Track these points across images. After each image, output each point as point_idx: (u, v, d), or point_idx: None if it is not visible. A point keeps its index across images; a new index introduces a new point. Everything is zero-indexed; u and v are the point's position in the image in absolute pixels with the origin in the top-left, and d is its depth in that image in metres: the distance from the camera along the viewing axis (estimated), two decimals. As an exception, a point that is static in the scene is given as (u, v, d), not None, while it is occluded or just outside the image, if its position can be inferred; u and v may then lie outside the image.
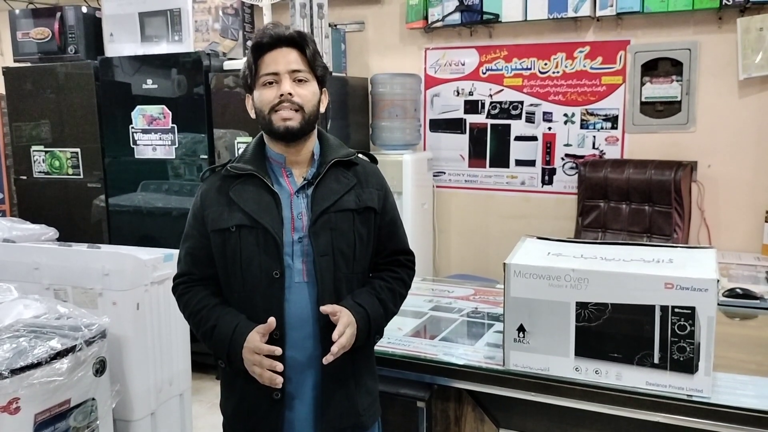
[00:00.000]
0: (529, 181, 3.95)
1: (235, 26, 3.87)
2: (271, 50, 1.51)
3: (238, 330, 1.50)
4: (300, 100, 1.50)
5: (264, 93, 1.51)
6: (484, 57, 3.96)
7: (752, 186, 3.41)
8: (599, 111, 3.71)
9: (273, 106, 1.50)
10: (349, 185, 1.57)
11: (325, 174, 1.55)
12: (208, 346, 1.58)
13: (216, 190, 1.57)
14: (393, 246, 1.67)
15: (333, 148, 1.60)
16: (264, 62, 1.51)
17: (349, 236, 1.55)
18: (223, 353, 1.53)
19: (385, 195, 1.64)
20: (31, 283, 2.64)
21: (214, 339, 1.54)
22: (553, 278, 1.61)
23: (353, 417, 1.58)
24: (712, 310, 1.49)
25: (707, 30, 3.41)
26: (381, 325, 1.61)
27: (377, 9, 4.19)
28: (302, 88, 1.52)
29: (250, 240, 1.51)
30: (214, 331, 1.54)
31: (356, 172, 1.60)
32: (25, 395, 2.02)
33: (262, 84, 1.52)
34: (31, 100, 4.07)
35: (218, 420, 1.68)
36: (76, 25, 3.99)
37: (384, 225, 1.63)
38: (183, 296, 1.63)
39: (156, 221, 3.84)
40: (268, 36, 1.51)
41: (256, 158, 1.57)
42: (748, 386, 1.58)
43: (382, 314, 1.58)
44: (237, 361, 1.50)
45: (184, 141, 3.73)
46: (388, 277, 1.64)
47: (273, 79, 1.51)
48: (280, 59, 1.50)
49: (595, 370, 1.61)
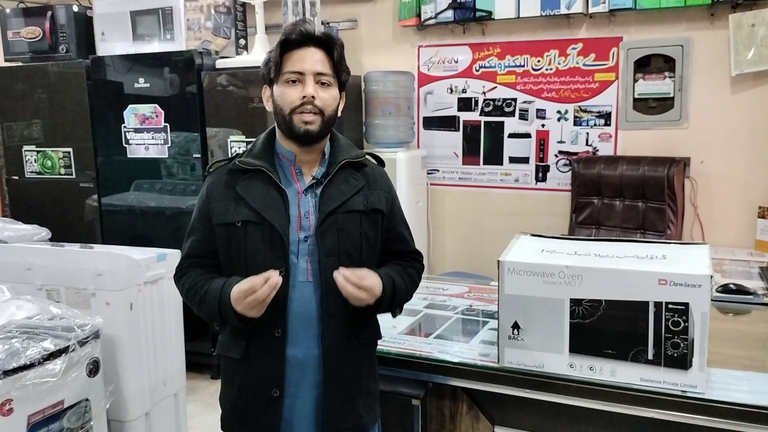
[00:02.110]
0: (522, 178, 3.96)
1: (227, 25, 3.86)
2: (299, 48, 1.50)
3: (228, 282, 1.48)
4: (321, 104, 1.50)
5: (287, 92, 1.50)
6: (477, 54, 3.96)
7: (745, 182, 3.43)
8: (592, 108, 3.71)
9: (295, 108, 1.49)
10: (357, 187, 1.56)
11: (335, 174, 1.54)
12: (203, 315, 1.54)
13: (223, 184, 1.56)
14: (400, 248, 1.68)
15: (343, 149, 1.60)
16: (290, 59, 1.50)
17: (356, 237, 1.54)
18: (215, 310, 1.48)
19: (393, 198, 1.65)
20: (24, 283, 2.62)
21: (207, 301, 1.50)
22: (547, 275, 1.61)
23: (354, 418, 1.58)
24: (706, 306, 1.49)
25: (699, 26, 3.42)
26: (402, 300, 1.61)
27: (370, 6, 4.18)
28: (325, 91, 1.51)
29: (255, 236, 1.50)
30: (206, 295, 1.51)
31: (365, 173, 1.60)
32: (18, 396, 2.01)
33: (285, 81, 1.50)
34: (22, 100, 4.05)
35: (213, 420, 1.68)
36: (67, 24, 3.97)
37: (391, 227, 1.64)
38: (182, 278, 1.61)
39: (149, 221, 3.83)
40: (298, 33, 1.49)
41: (266, 153, 1.56)
42: (742, 382, 1.59)
43: (404, 289, 1.59)
44: (229, 314, 1.45)
45: (176, 140, 3.72)
46: (401, 263, 1.65)
47: (297, 78, 1.49)
48: (307, 58, 1.49)
49: (589, 367, 1.61)
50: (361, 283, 1.44)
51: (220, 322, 1.51)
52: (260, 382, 1.52)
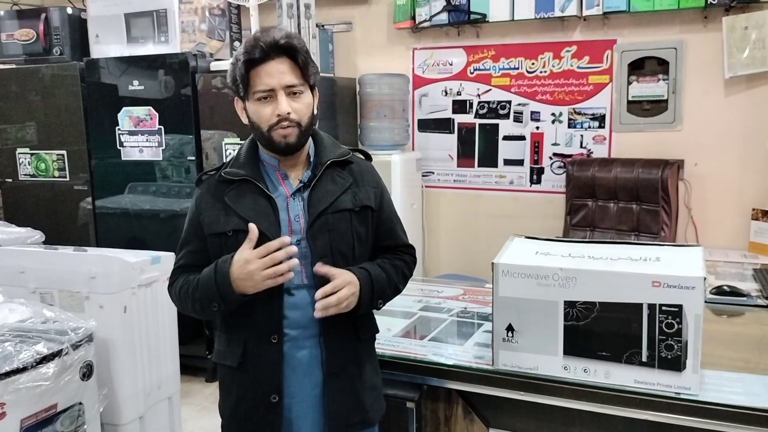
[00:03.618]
0: (517, 181, 3.96)
1: (221, 27, 3.86)
2: (264, 63, 1.47)
3: (219, 263, 1.46)
4: (297, 117, 1.49)
5: (260, 111, 1.49)
6: (472, 57, 3.96)
7: (739, 184, 3.44)
8: (586, 110, 3.72)
9: (272, 125, 1.48)
10: (345, 185, 1.56)
11: (321, 175, 1.54)
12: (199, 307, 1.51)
13: (211, 196, 1.56)
14: (392, 242, 1.67)
15: (327, 148, 1.60)
16: (258, 75, 1.47)
17: (348, 236, 1.54)
18: (213, 292, 1.46)
19: (382, 192, 1.65)
20: (17, 286, 2.62)
21: (200, 289, 1.48)
22: (541, 277, 1.61)
23: (360, 413, 1.58)
24: (700, 308, 1.49)
25: (693, 29, 3.43)
26: (384, 290, 1.57)
27: (365, 9, 4.18)
28: (297, 101, 1.50)
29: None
30: (198, 284, 1.49)
31: (351, 170, 1.60)
32: (11, 400, 2.00)
33: (257, 99, 1.49)
34: (16, 102, 4.03)
35: (207, 423, 1.67)
36: (61, 26, 3.96)
37: (381, 222, 1.64)
38: (173, 285, 1.60)
39: (143, 223, 3.82)
40: (259, 49, 1.46)
41: (250, 162, 1.56)
42: (736, 383, 1.59)
43: (384, 279, 1.56)
44: (229, 293, 1.44)
45: (171, 142, 3.71)
46: (389, 257, 1.64)
47: (268, 95, 1.48)
48: (273, 73, 1.47)
49: (583, 369, 1.61)
50: (334, 288, 1.44)
51: (219, 300, 1.46)
52: (258, 389, 1.52)
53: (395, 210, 1.71)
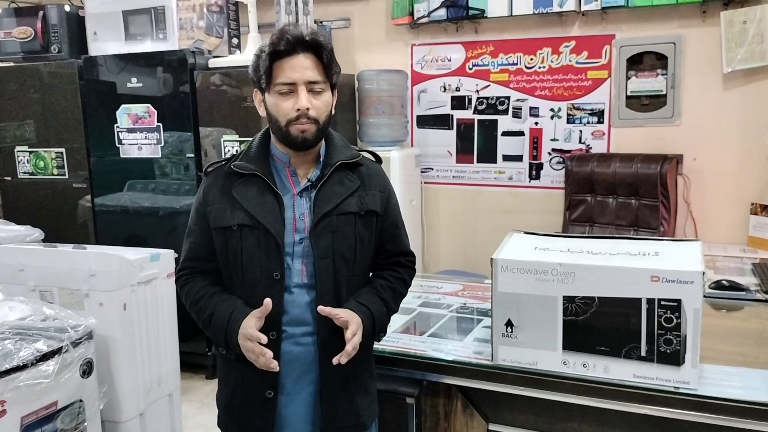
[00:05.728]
0: (516, 176, 3.96)
1: (219, 24, 3.85)
2: (288, 56, 1.48)
3: (234, 316, 1.50)
4: (316, 114, 1.50)
5: (280, 104, 1.49)
6: (471, 52, 3.96)
7: (737, 178, 3.44)
8: (585, 105, 3.72)
9: (290, 120, 1.49)
10: (352, 188, 1.56)
11: (330, 176, 1.55)
12: (208, 335, 1.58)
13: (219, 188, 1.56)
14: (394, 247, 1.68)
15: (338, 149, 1.60)
16: (281, 68, 1.48)
17: (350, 239, 1.55)
18: (221, 340, 1.53)
19: (388, 197, 1.65)
20: (17, 284, 2.61)
21: (212, 327, 1.54)
22: (540, 273, 1.61)
23: (353, 417, 1.58)
24: (698, 303, 1.49)
25: (691, 24, 3.43)
26: (384, 324, 1.62)
27: (363, 5, 4.18)
28: (318, 99, 1.50)
29: (251, 240, 1.51)
30: (211, 318, 1.54)
31: (360, 173, 1.60)
32: (11, 398, 2.00)
33: (278, 92, 1.49)
34: (14, 101, 4.03)
35: (208, 420, 1.68)
36: (59, 23, 3.95)
37: (386, 227, 1.64)
38: (185, 287, 1.63)
39: (143, 221, 3.82)
40: (286, 41, 1.47)
41: (260, 156, 1.57)
42: (735, 377, 1.59)
43: (385, 313, 1.60)
44: (235, 347, 1.50)
45: (170, 140, 3.71)
46: (389, 276, 1.65)
47: (289, 89, 1.48)
48: (297, 67, 1.47)
49: (582, 364, 1.62)
50: (352, 334, 1.47)
51: (226, 348, 1.54)
52: (254, 383, 1.53)
53: (401, 214, 1.71)
